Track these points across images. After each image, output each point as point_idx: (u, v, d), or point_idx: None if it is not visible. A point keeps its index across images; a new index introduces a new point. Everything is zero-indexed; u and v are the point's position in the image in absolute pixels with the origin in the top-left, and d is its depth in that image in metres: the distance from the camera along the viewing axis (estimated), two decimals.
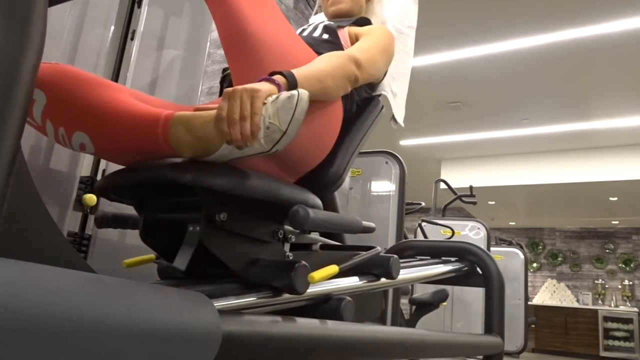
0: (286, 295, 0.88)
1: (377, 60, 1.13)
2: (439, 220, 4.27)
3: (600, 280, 9.14)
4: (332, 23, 1.24)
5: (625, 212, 8.19)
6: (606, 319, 8.27)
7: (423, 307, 3.20)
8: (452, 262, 1.73)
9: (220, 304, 0.79)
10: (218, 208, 0.83)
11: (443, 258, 1.76)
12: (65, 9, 1.40)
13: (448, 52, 4.72)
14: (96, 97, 0.81)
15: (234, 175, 0.82)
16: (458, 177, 7.23)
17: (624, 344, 8.02)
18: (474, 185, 4.85)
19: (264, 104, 0.75)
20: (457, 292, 4.51)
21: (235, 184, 0.81)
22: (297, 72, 0.86)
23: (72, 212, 1.42)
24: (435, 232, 4.20)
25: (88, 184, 1.48)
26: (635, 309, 8.26)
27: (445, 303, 3.47)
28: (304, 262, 0.87)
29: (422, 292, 3.43)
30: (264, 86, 0.77)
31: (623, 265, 9.03)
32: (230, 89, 0.74)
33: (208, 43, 1.91)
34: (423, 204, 3.68)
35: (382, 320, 2.21)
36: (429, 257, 1.76)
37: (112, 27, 1.57)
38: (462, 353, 1.45)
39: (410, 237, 3.67)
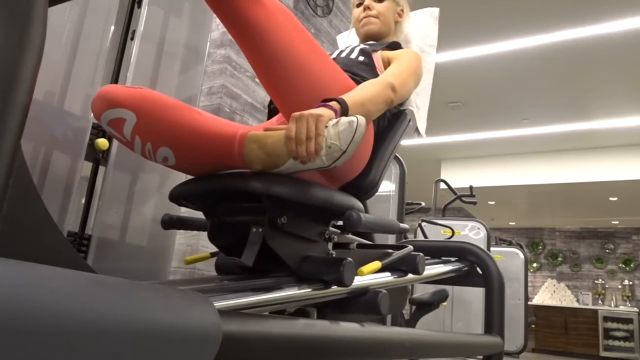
0: (333, 288, 1.01)
1: (408, 83, 1.26)
2: (439, 220, 4.27)
3: (600, 280, 9.14)
4: (367, 47, 1.36)
5: (625, 212, 8.19)
6: (606, 319, 8.27)
7: (423, 307, 3.20)
8: (452, 262, 1.73)
9: (220, 304, 0.79)
10: (280, 212, 0.98)
11: (443, 258, 1.76)
12: (65, 9, 1.40)
13: (448, 52, 4.72)
14: (180, 118, 0.96)
15: (296, 185, 0.96)
16: (458, 177, 7.24)
17: (624, 344, 8.02)
18: (474, 185, 4.85)
19: (326, 127, 0.88)
20: (457, 292, 4.50)
21: (297, 192, 0.95)
22: (347, 98, 0.99)
23: (72, 212, 1.42)
24: (435, 232, 4.20)
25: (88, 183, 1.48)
26: (635, 309, 8.26)
27: (445, 303, 3.47)
28: (350, 259, 1.00)
29: (422, 292, 3.43)
30: (324, 111, 0.90)
31: (623, 265, 9.03)
32: (297, 113, 0.88)
33: (208, 43, 1.91)
34: (423, 204, 3.68)
35: (382, 320, 2.21)
36: (429, 257, 1.76)
37: (112, 27, 1.57)
38: (462, 353, 1.45)
39: (410, 237, 3.67)
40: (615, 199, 7.44)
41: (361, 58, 1.32)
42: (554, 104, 5.65)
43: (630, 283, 8.90)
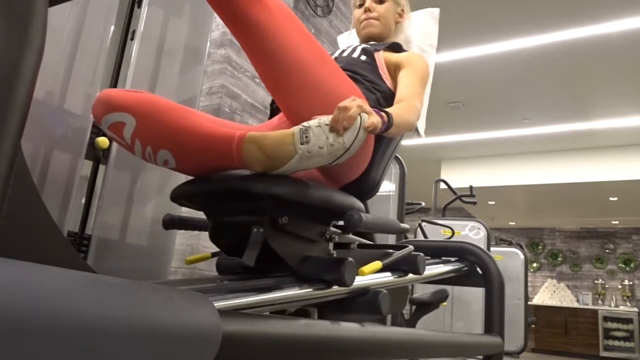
0: (334, 288, 1.02)
1: (421, 94, 1.30)
2: (439, 220, 4.27)
3: (600, 280, 9.14)
4: (369, 47, 1.36)
5: (625, 212, 8.19)
6: (606, 319, 8.27)
7: (423, 307, 3.20)
8: (452, 262, 1.73)
9: (220, 304, 0.79)
10: (280, 212, 0.98)
11: (443, 258, 1.76)
12: (65, 9, 1.40)
13: (448, 52, 4.72)
14: (179, 121, 0.96)
15: (297, 185, 0.96)
16: (458, 177, 7.24)
17: (624, 344, 8.02)
18: (474, 185, 4.85)
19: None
20: (457, 292, 4.50)
21: (298, 193, 0.95)
22: (393, 111, 1.05)
23: (72, 212, 1.42)
24: (435, 232, 4.20)
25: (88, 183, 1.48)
26: (635, 309, 8.26)
27: (445, 303, 3.47)
28: (350, 259, 1.00)
29: (422, 292, 3.43)
30: (375, 118, 0.96)
31: (623, 265, 9.03)
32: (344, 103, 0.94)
33: (208, 43, 1.91)
34: (423, 204, 3.68)
35: (382, 320, 2.21)
36: (429, 257, 1.76)
37: (112, 27, 1.57)
38: (462, 353, 1.45)
39: (410, 237, 3.67)
40: (615, 199, 7.44)
41: (363, 57, 1.32)
42: (554, 104, 5.65)
43: (630, 283, 8.90)
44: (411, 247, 1.30)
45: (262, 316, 0.78)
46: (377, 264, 1.10)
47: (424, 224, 4.06)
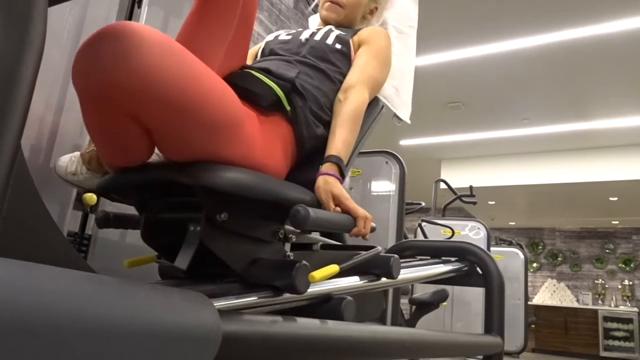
0: (287, 295, 0.89)
1: (378, 78, 1.23)
2: (439, 220, 4.27)
3: (600, 280, 9.13)
4: (342, 33, 1.26)
5: (625, 212, 8.19)
6: (606, 319, 8.26)
7: (423, 307, 3.20)
8: (452, 262, 1.73)
9: (220, 303, 0.79)
10: (219, 208, 0.84)
11: (443, 258, 1.75)
12: (65, 9, 1.40)
13: (448, 52, 4.72)
14: None
15: (234, 175, 0.83)
16: (458, 177, 7.23)
17: (624, 344, 8.02)
18: (474, 185, 4.85)
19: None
20: (457, 292, 4.50)
21: (234, 184, 0.82)
22: (338, 152, 1.03)
23: (72, 211, 1.42)
24: (435, 232, 4.20)
25: None
26: (635, 309, 8.26)
27: (445, 303, 3.47)
28: (304, 262, 0.88)
29: (422, 292, 3.43)
30: (341, 189, 0.98)
31: (623, 265, 9.03)
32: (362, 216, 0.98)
33: None
34: (423, 204, 3.68)
35: (382, 320, 2.21)
36: (429, 257, 1.76)
37: None
38: (462, 353, 1.45)
39: (410, 237, 3.67)
40: (615, 199, 7.44)
41: (338, 46, 1.22)
42: (554, 104, 5.65)
43: (630, 283, 8.90)
44: (379, 249, 1.14)
45: (262, 316, 0.78)
46: (333, 268, 0.94)
47: (424, 224, 4.06)
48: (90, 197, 1.24)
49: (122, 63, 0.66)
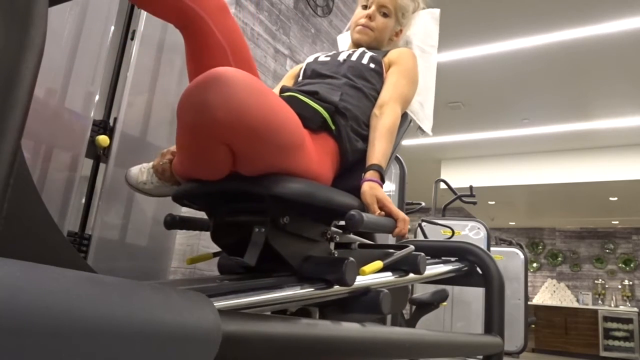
0: (336, 288, 1.02)
1: (407, 94, 1.35)
2: (439, 220, 4.27)
3: (600, 280, 9.13)
4: (375, 54, 1.39)
5: (625, 212, 8.19)
6: (606, 319, 8.27)
7: (423, 307, 3.20)
8: (452, 262, 1.73)
9: (223, 303, 0.79)
10: (282, 212, 0.99)
11: (443, 258, 1.76)
12: (65, 9, 1.40)
13: (448, 52, 4.72)
14: None
15: (298, 185, 0.97)
16: (458, 177, 7.24)
17: (624, 344, 8.02)
18: (474, 185, 4.85)
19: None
20: (457, 292, 4.50)
21: (299, 192, 0.96)
22: (379, 161, 1.15)
23: (72, 211, 1.43)
24: (435, 232, 4.20)
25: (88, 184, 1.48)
26: (635, 309, 8.26)
27: (445, 303, 3.47)
28: (352, 258, 1.01)
29: (422, 292, 3.43)
30: (383, 193, 1.11)
31: (623, 265, 9.03)
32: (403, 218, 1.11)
33: None
34: (423, 204, 3.68)
35: (382, 320, 2.22)
36: (429, 257, 1.76)
37: (112, 27, 1.57)
38: (462, 353, 1.45)
39: (410, 237, 3.67)
40: (615, 199, 7.44)
41: (372, 65, 1.35)
42: (554, 104, 5.65)
43: (630, 283, 8.90)
44: (412, 247, 1.30)
45: (262, 316, 0.78)
46: (378, 264, 1.10)
47: (424, 224, 4.06)
48: (104, 139, 1.37)
49: (224, 104, 0.83)
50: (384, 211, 1.10)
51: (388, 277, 1.24)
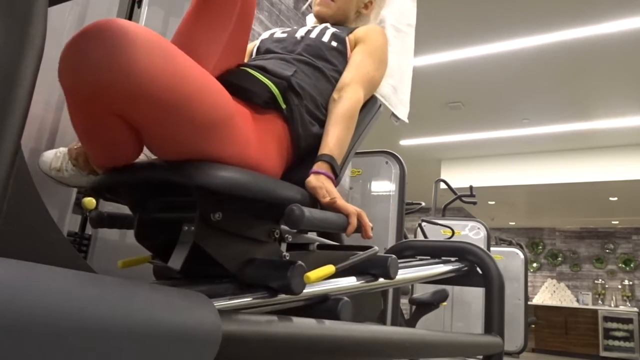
0: (283, 296, 0.88)
1: (374, 76, 1.20)
2: (439, 220, 4.27)
3: (600, 280, 9.13)
4: (338, 31, 1.24)
5: (625, 212, 8.19)
6: (606, 319, 8.27)
7: (423, 307, 3.20)
8: (452, 262, 1.73)
9: (217, 304, 0.79)
10: (213, 207, 0.83)
11: (443, 258, 1.75)
12: (65, 9, 1.40)
13: (448, 52, 4.72)
14: None
15: (229, 174, 0.81)
16: (458, 177, 7.23)
17: (624, 344, 8.02)
18: (474, 185, 4.86)
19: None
20: (457, 292, 4.51)
21: (228, 183, 0.80)
22: (331, 151, 1.00)
23: (72, 212, 1.42)
24: (435, 232, 4.20)
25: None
26: (635, 309, 8.26)
27: (445, 303, 3.47)
28: (300, 262, 0.86)
29: (422, 292, 3.43)
30: (332, 188, 0.97)
31: (623, 265, 9.03)
32: (354, 212, 0.96)
33: None
34: (423, 204, 3.68)
35: (382, 320, 2.21)
36: (429, 257, 1.76)
37: None
38: (462, 353, 1.45)
39: (410, 237, 3.67)
40: (615, 199, 7.44)
41: (334, 43, 1.20)
42: (554, 104, 5.65)
43: (630, 283, 8.90)
44: (376, 249, 1.12)
45: (262, 316, 0.78)
46: (329, 268, 0.91)
47: (424, 224, 4.06)
48: (90, 202, 1.20)
49: (110, 62, 0.64)
50: (332, 208, 0.94)
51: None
